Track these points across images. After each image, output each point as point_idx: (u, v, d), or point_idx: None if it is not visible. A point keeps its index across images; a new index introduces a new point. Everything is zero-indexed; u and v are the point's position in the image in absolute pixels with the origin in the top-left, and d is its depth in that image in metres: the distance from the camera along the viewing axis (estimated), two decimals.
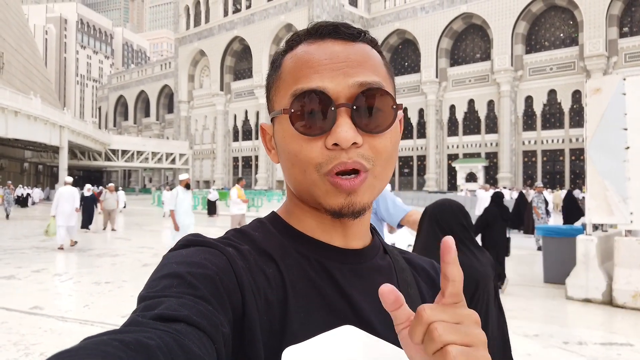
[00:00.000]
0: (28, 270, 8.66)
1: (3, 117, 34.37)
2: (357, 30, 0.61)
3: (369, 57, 0.60)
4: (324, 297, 0.59)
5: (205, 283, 0.50)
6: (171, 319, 0.44)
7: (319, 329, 0.55)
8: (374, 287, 0.61)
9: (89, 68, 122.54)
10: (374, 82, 0.58)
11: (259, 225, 0.66)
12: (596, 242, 6.76)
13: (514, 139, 45.38)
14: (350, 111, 0.56)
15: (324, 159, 0.57)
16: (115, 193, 16.80)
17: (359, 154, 0.56)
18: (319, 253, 0.62)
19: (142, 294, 0.50)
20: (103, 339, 0.39)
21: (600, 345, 4.91)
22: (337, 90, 0.56)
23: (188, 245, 0.57)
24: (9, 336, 4.95)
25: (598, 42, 39.83)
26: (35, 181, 56.99)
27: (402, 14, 52.31)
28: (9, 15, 55.89)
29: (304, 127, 0.57)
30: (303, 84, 0.57)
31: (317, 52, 0.59)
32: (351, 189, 0.57)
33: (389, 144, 0.59)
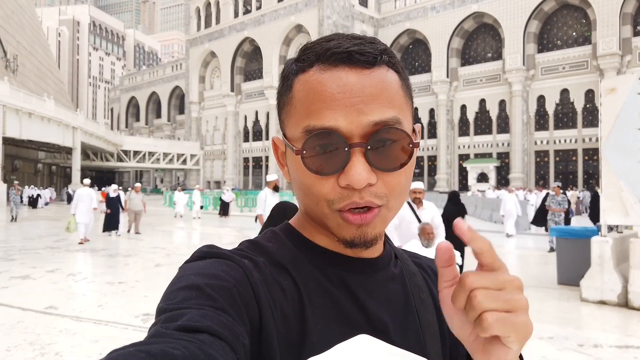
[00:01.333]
0: (42, 270, 8.77)
1: (17, 118, 34.81)
2: (373, 54, 0.57)
3: (385, 87, 0.57)
4: (340, 308, 0.59)
5: (223, 295, 0.50)
6: (194, 329, 0.45)
7: (337, 340, 0.55)
8: (388, 295, 0.64)
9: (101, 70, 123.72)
10: (390, 120, 0.55)
11: (272, 237, 0.65)
12: (611, 243, 6.67)
13: (526, 139, 44.97)
14: (364, 150, 0.54)
15: (336, 197, 0.56)
16: (140, 194, 15.96)
17: (371, 194, 0.56)
18: (333, 263, 0.62)
19: (162, 306, 0.50)
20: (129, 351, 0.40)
21: (616, 347, 4.85)
22: (351, 128, 0.54)
23: (204, 257, 0.57)
24: (24, 336, 5.01)
25: (611, 40, 39.32)
26: (49, 182, 57.65)
27: (413, 14, 52.08)
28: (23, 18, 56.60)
29: (316, 166, 0.56)
30: (315, 120, 0.55)
31: (329, 83, 0.56)
32: (362, 222, 0.57)
33: (404, 179, 0.58)
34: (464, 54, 50.45)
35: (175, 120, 79.66)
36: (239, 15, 62.21)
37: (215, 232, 17.43)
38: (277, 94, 0.64)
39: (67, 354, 4.51)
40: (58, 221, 21.03)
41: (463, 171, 48.98)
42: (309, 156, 0.56)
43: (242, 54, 63.23)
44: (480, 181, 46.15)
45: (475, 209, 24.89)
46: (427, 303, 0.67)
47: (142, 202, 15.69)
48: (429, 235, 4.93)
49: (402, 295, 0.65)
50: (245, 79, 64.09)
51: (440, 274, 0.47)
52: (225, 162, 65.20)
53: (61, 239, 13.86)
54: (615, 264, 6.70)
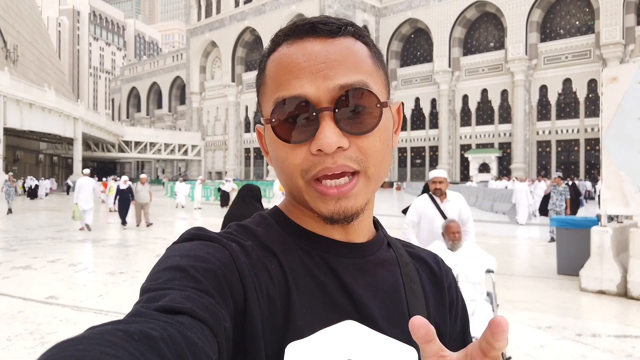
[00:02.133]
0: (44, 261, 8.80)
1: (18, 109, 34.78)
2: (337, 25, 0.59)
3: (351, 53, 0.58)
4: (327, 292, 0.59)
5: (208, 277, 0.50)
6: (174, 311, 0.45)
7: (322, 325, 0.55)
8: (377, 282, 0.63)
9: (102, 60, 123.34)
10: (357, 82, 0.56)
11: (261, 220, 0.65)
12: (611, 233, 6.67)
13: (528, 129, 44.84)
14: (332, 115, 0.55)
15: (309, 165, 0.56)
16: (147, 185, 15.32)
17: (345, 157, 0.55)
18: (321, 248, 0.62)
19: (145, 285, 0.50)
20: (107, 329, 0.39)
21: (614, 337, 4.86)
22: (318, 94, 0.55)
23: (192, 238, 0.57)
24: (25, 325, 5.04)
25: (615, 29, 39.03)
26: (50, 172, 57.74)
27: (415, 3, 51.71)
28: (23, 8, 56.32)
29: (287, 135, 0.56)
30: (284, 91, 0.56)
31: (295, 54, 0.57)
32: (341, 194, 0.56)
33: (378, 143, 0.58)
34: (466, 44, 50.14)
35: (176, 110, 79.54)
36: (239, 4, 61.85)
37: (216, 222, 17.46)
38: (256, 80, 0.65)
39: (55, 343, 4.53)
40: (59, 212, 21.09)
41: (465, 161, 48.91)
42: (279, 124, 0.56)
43: (242, 43, 62.93)
44: (482, 171, 46.12)
45: (477, 199, 24.88)
46: (418, 293, 0.66)
47: (150, 193, 15.33)
48: (455, 235, 4.14)
49: (391, 283, 0.64)
50: (246, 69, 63.85)
51: (421, 349, 0.43)
52: (226, 152, 65.18)
53: (62, 230, 13.90)
54: (615, 254, 6.70)
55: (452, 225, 4.17)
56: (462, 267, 4.03)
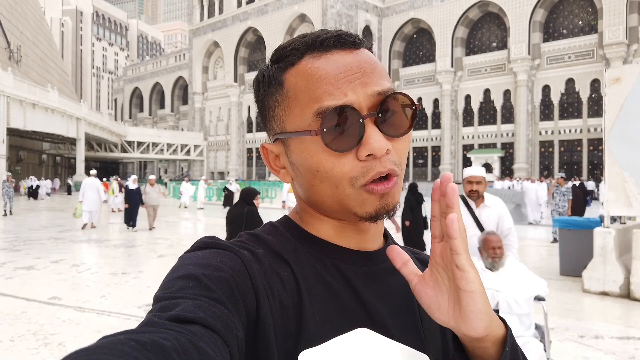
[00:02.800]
0: (47, 261, 8.82)
1: (21, 109, 34.86)
2: (358, 37, 0.61)
3: (376, 63, 0.61)
4: (340, 300, 0.59)
5: (220, 286, 0.51)
6: (187, 320, 0.45)
7: (335, 332, 0.55)
8: (388, 289, 0.64)
9: (105, 60, 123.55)
10: (390, 87, 0.59)
11: (272, 229, 0.65)
12: (614, 234, 6.65)
13: (531, 129, 44.72)
14: (375, 120, 0.57)
15: (359, 172, 0.57)
16: (157, 186, 14.46)
17: (390, 161, 0.57)
18: (333, 256, 0.62)
19: (158, 294, 0.50)
20: (120, 339, 0.40)
21: (617, 339, 4.85)
22: (360, 101, 0.56)
23: (204, 247, 0.58)
24: (28, 326, 5.05)
25: (618, 29, 38.89)
26: (53, 172, 57.86)
27: (417, 3, 51.62)
28: (26, 9, 56.47)
29: (335, 144, 0.56)
30: (327, 101, 0.57)
31: (327, 66, 0.58)
32: (386, 192, 0.58)
33: (408, 144, 0.61)
34: (469, 44, 50.04)
35: (179, 110, 79.58)
36: (242, 4, 61.85)
37: (219, 222, 17.47)
38: (261, 98, 0.64)
39: (70, 344, 4.55)
40: (61, 212, 21.13)
41: (467, 161, 48.78)
42: (329, 134, 0.56)
43: (245, 44, 62.94)
44: None
45: None
46: None
47: (163, 194, 14.50)
48: (496, 251, 3.38)
49: (402, 290, 0.65)
50: (249, 69, 63.84)
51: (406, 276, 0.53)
52: (228, 152, 65.19)
53: (65, 230, 13.94)
54: (618, 255, 6.68)
55: (492, 239, 3.39)
56: (504, 294, 3.27)
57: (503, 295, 3.26)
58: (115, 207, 21.15)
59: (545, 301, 3.45)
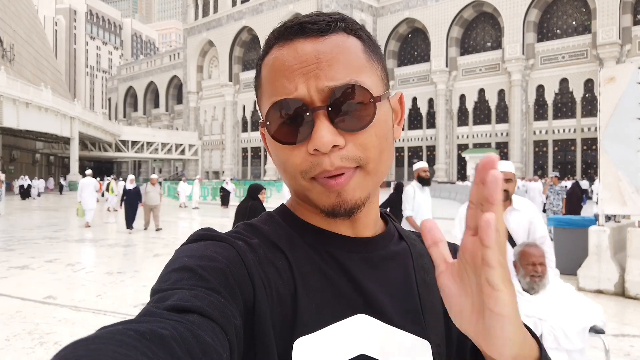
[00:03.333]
0: (41, 260, 8.78)
1: (14, 108, 34.62)
2: (327, 22, 0.58)
3: (341, 51, 0.57)
4: (336, 287, 0.59)
5: (215, 275, 0.51)
6: (184, 309, 0.45)
7: (332, 320, 0.56)
8: (386, 276, 0.63)
9: (99, 59, 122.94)
10: (349, 80, 0.56)
11: (268, 219, 0.66)
12: (609, 233, 6.69)
13: (525, 129, 44.94)
14: (326, 113, 0.55)
15: (308, 166, 0.56)
16: (158, 186, 13.99)
17: (342, 157, 0.56)
18: (328, 244, 0.62)
19: (155, 287, 0.51)
20: (118, 329, 0.40)
21: (612, 336, 4.88)
22: (311, 94, 0.55)
23: (199, 239, 0.58)
24: (23, 325, 5.03)
25: (611, 29, 39.14)
26: (47, 172, 57.53)
27: (412, 3, 51.72)
28: (19, 7, 56.09)
29: (284, 137, 0.57)
30: (278, 95, 0.57)
31: (286, 57, 0.57)
32: (339, 187, 0.57)
33: (374, 137, 0.58)
34: (463, 43, 50.20)
35: (174, 110, 79.33)
36: (237, 3, 61.72)
37: (214, 222, 17.44)
38: (254, 85, 0.66)
39: (66, 343, 4.52)
40: (55, 211, 21.01)
41: (462, 161, 48.99)
42: (275, 128, 0.57)
43: (240, 43, 62.82)
44: None
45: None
46: (431, 285, 0.66)
47: (160, 195, 13.93)
48: (537, 268, 2.70)
49: (402, 276, 0.64)
50: (244, 69, 63.73)
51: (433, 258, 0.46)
52: (223, 152, 65.07)
53: (60, 230, 13.87)
54: (613, 253, 6.73)
55: (533, 252, 2.71)
56: (550, 324, 2.57)
57: (548, 325, 2.57)
58: (112, 207, 21.07)
59: (605, 334, 2.74)
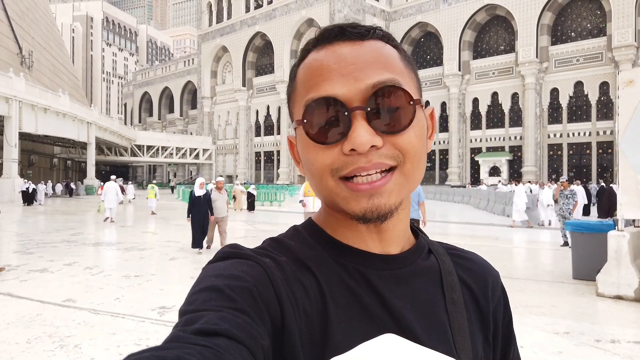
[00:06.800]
0: (60, 264, 8.90)
1: (33, 113, 35.22)
2: (366, 28, 0.59)
3: (380, 54, 0.58)
4: (364, 306, 0.58)
5: (243, 296, 0.50)
6: (211, 333, 0.45)
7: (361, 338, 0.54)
8: (415, 292, 0.62)
9: (115, 65, 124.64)
10: (387, 80, 0.56)
11: (295, 234, 0.65)
12: (628, 238, 6.59)
13: (539, 132, 44.50)
14: (365, 114, 0.54)
15: (340, 164, 0.55)
16: (224, 193, 11.10)
17: (379, 155, 0.55)
18: (357, 261, 0.61)
19: (183, 308, 0.50)
20: (145, 356, 0.40)
21: (634, 343, 4.81)
22: (349, 94, 0.55)
23: (226, 257, 0.57)
24: (44, 328, 5.10)
25: (627, 32, 38.65)
26: (64, 176, 58.36)
27: (424, 7, 51.64)
28: (38, 15, 57.13)
29: (319, 136, 0.56)
30: (314, 92, 0.56)
31: (325, 58, 0.58)
32: (373, 190, 0.55)
33: (415, 139, 0.57)
34: (476, 47, 49.94)
35: (188, 115, 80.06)
36: (250, 9, 62.21)
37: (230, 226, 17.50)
38: (287, 90, 0.66)
39: (85, 347, 4.59)
40: (55, 215, 21.28)
41: (475, 165, 48.63)
42: (310, 125, 0.56)
43: (253, 48, 63.25)
44: (492, 175, 45.80)
45: (488, 202, 24.70)
46: (458, 302, 0.64)
47: (227, 203, 11.16)
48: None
49: (430, 293, 0.63)
50: (257, 74, 64.15)
51: None
52: (237, 156, 65.46)
53: (77, 233, 14.05)
54: (632, 258, 6.62)
55: None
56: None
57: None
58: (154, 210, 22.14)
59: None
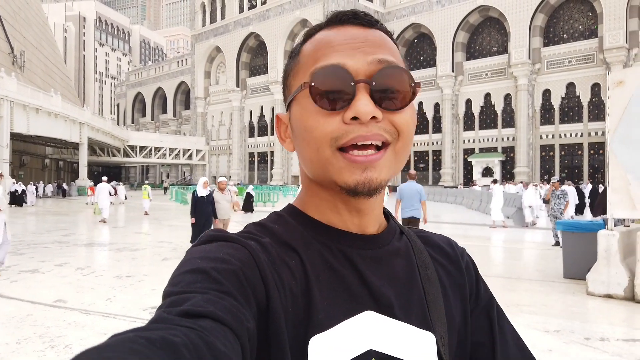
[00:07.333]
0: (51, 264, 8.84)
1: (25, 114, 34.99)
2: (375, 19, 0.63)
3: (387, 41, 0.62)
4: (346, 284, 0.59)
5: (229, 278, 0.50)
6: (197, 315, 0.45)
7: (343, 316, 0.56)
8: (393, 271, 0.64)
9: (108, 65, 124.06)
10: (392, 61, 0.59)
11: (277, 218, 0.66)
12: (618, 237, 6.65)
13: (531, 133, 44.78)
14: (369, 87, 0.56)
15: (341, 132, 0.56)
16: (228, 193, 10.45)
17: (379, 127, 0.57)
18: (339, 241, 0.63)
19: (167, 289, 0.50)
20: (129, 336, 0.40)
21: (623, 341, 4.85)
22: (357, 67, 0.57)
23: (211, 240, 0.58)
24: (34, 329, 5.07)
25: (618, 34, 38.99)
26: (56, 177, 58.00)
27: (418, 8, 51.83)
28: (30, 15, 56.75)
29: (323, 102, 0.57)
30: (323, 61, 0.58)
31: (336, 35, 0.60)
32: (368, 163, 0.57)
33: (410, 119, 0.60)
34: (469, 48, 50.18)
35: (181, 115, 79.83)
36: (244, 10, 62.14)
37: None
38: (284, 69, 0.67)
39: (76, 347, 4.56)
40: (50, 215, 21.16)
41: (468, 165, 48.85)
42: (316, 89, 0.57)
43: (247, 49, 63.18)
44: (485, 175, 46.03)
45: (481, 203, 24.81)
46: (433, 279, 0.67)
47: (234, 204, 10.56)
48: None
49: (406, 271, 0.65)
50: (251, 74, 64.09)
51: None
52: (230, 157, 65.34)
53: (69, 234, 13.97)
54: (622, 257, 6.68)
55: None
56: None
57: None
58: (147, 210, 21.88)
59: None
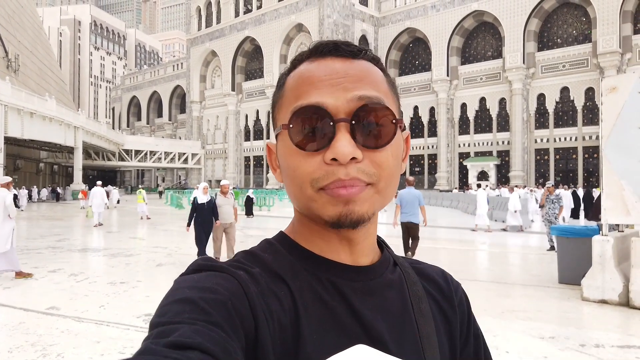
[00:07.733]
0: (44, 271, 8.77)
1: (19, 118, 34.83)
2: (358, 48, 0.62)
3: (369, 73, 0.60)
4: (336, 317, 0.58)
5: (217, 309, 0.50)
6: (185, 346, 0.44)
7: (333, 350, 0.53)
8: (385, 304, 0.63)
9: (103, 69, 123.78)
10: (373, 97, 0.58)
11: (267, 246, 0.65)
12: (612, 242, 6.67)
13: (526, 137, 44.96)
14: (349, 126, 0.56)
15: (321, 174, 0.56)
16: (231, 197, 9.85)
17: (358, 169, 0.56)
18: (329, 272, 0.62)
19: (155, 320, 0.49)
20: None
21: (617, 347, 4.85)
22: (336, 105, 0.56)
23: (199, 270, 0.57)
24: (26, 337, 5.01)
25: (612, 38, 39.27)
26: (50, 181, 57.73)
27: (413, 13, 52.05)
28: (24, 18, 56.58)
29: (302, 142, 0.57)
30: (303, 100, 0.58)
31: (317, 70, 0.60)
32: (349, 197, 0.56)
33: (391, 158, 0.58)
34: (464, 53, 50.40)
35: (177, 119, 79.67)
36: (239, 14, 62.18)
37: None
38: (272, 97, 0.67)
39: (69, 355, 4.52)
40: (55, 220, 21.03)
41: (463, 169, 48.98)
42: (296, 130, 0.57)
43: (242, 53, 63.21)
44: (480, 179, 46.18)
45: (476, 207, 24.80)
46: (426, 313, 0.66)
47: (235, 209, 9.93)
48: None
49: (399, 304, 0.64)
50: (246, 78, 64.09)
51: None
52: (226, 161, 65.22)
53: (63, 239, 13.88)
54: (617, 263, 6.70)
55: None
56: None
57: None
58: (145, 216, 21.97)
59: None
